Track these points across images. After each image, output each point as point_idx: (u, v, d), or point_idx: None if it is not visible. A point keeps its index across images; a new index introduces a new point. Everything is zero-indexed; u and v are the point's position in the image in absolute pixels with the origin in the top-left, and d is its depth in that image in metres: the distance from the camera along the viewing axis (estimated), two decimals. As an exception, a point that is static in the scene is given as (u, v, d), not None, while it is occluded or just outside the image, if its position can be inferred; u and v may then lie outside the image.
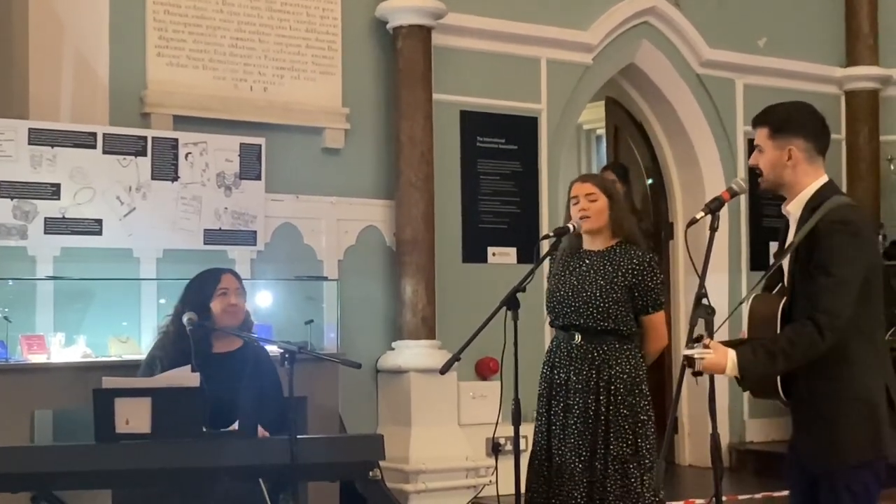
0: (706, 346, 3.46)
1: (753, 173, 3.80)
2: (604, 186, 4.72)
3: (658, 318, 4.69)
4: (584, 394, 4.56)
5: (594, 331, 4.58)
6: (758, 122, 3.76)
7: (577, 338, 4.61)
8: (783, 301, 3.63)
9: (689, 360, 3.44)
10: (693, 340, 3.44)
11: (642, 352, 4.68)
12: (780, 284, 3.76)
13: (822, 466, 3.60)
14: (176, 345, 4.79)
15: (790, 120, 3.72)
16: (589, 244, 4.71)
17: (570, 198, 4.72)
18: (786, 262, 3.71)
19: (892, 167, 8.92)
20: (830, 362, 3.52)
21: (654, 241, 8.52)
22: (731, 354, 3.50)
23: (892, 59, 8.95)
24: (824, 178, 3.71)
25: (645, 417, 4.58)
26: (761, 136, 3.72)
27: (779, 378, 3.59)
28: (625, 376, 4.57)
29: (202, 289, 4.91)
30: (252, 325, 5.09)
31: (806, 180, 3.70)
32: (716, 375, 3.56)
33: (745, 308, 3.80)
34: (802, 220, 3.64)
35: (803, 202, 3.69)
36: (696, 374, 3.47)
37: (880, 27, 8.98)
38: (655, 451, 4.53)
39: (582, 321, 4.59)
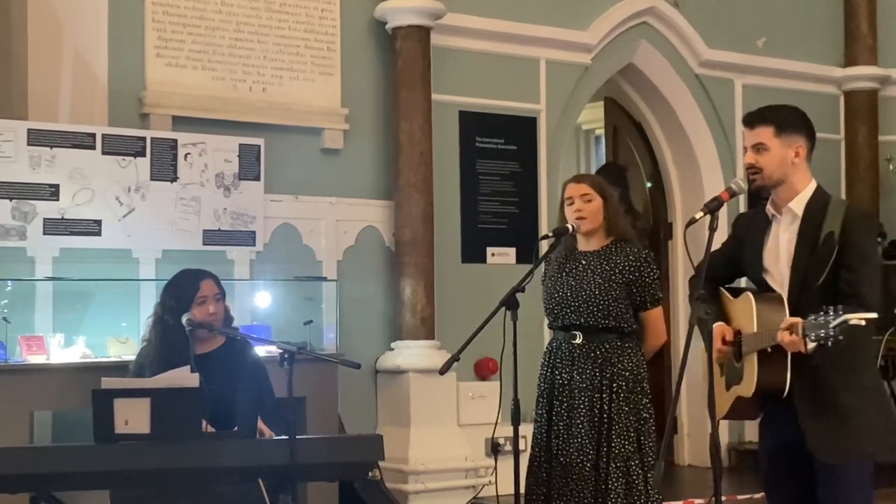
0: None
1: (753, 173, 3.80)
2: (598, 186, 4.72)
3: (656, 313, 4.70)
4: (588, 392, 4.56)
5: (595, 329, 4.58)
6: (758, 120, 3.75)
7: (578, 337, 4.61)
8: (786, 298, 3.64)
9: (845, 325, 3.35)
10: (834, 312, 3.37)
11: (642, 349, 4.69)
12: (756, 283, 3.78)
13: (839, 457, 3.60)
14: (160, 351, 4.73)
15: (794, 118, 3.76)
16: (584, 245, 4.71)
17: (564, 199, 4.72)
18: (785, 259, 3.71)
19: (891, 167, 8.90)
20: (841, 352, 3.51)
21: (653, 241, 8.52)
22: None
23: (891, 59, 8.95)
24: (814, 180, 3.77)
25: (647, 415, 4.59)
26: (765, 134, 3.71)
27: (788, 372, 3.58)
28: (627, 374, 4.57)
29: (181, 295, 4.79)
30: (232, 320, 4.99)
31: (806, 179, 3.75)
32: (715, 374, 3.57)
33: (736, 309, 3.82)
34: (811, 217, 3.67)
35: (805, 201, 3.71)
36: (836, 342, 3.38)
37: (879, 27, 8.98)
38: (657, 449, 4.53)
39: (582, 320, 4.59)
